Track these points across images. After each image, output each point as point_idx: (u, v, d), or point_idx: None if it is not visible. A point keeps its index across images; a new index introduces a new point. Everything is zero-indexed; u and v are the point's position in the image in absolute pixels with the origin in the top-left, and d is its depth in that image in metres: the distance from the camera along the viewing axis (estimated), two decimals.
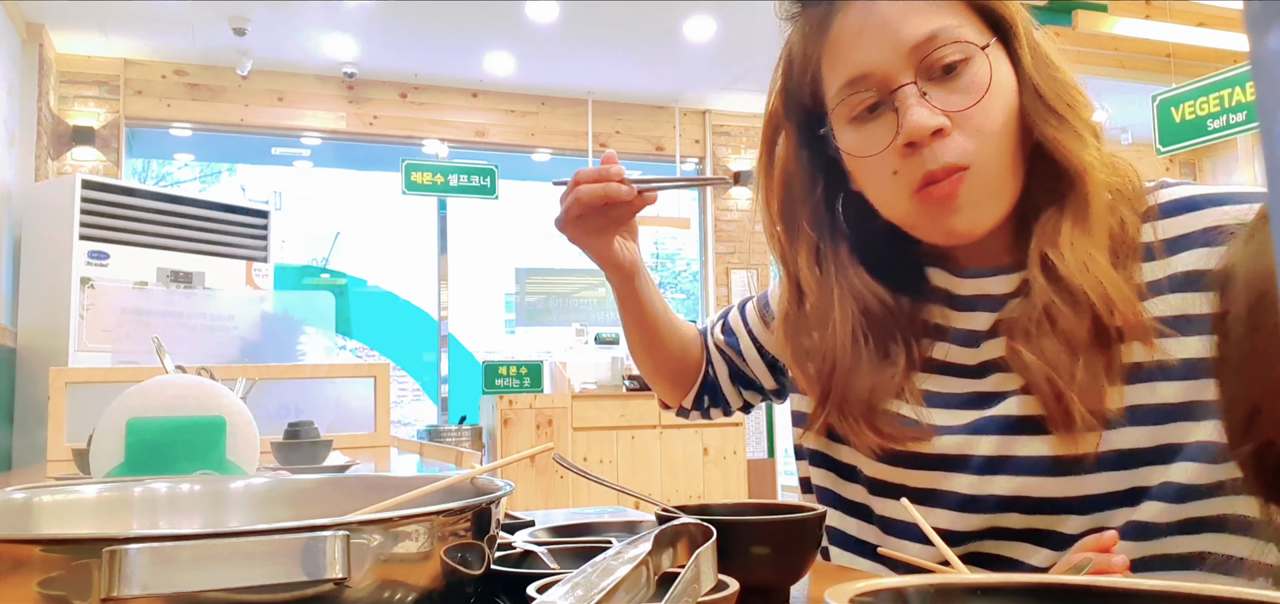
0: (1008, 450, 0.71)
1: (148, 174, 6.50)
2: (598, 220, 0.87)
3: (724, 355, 1.01)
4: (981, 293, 0.77)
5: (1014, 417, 0.72)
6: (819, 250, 0.81)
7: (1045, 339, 0.69)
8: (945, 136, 0.70)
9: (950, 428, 0.75)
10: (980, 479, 0.72)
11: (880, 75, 0.72)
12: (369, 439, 2.43)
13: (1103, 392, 0.67)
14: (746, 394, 1.02)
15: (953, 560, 0.58)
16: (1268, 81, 0.19)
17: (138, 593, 0.37)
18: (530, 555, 0.65)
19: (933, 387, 0.77)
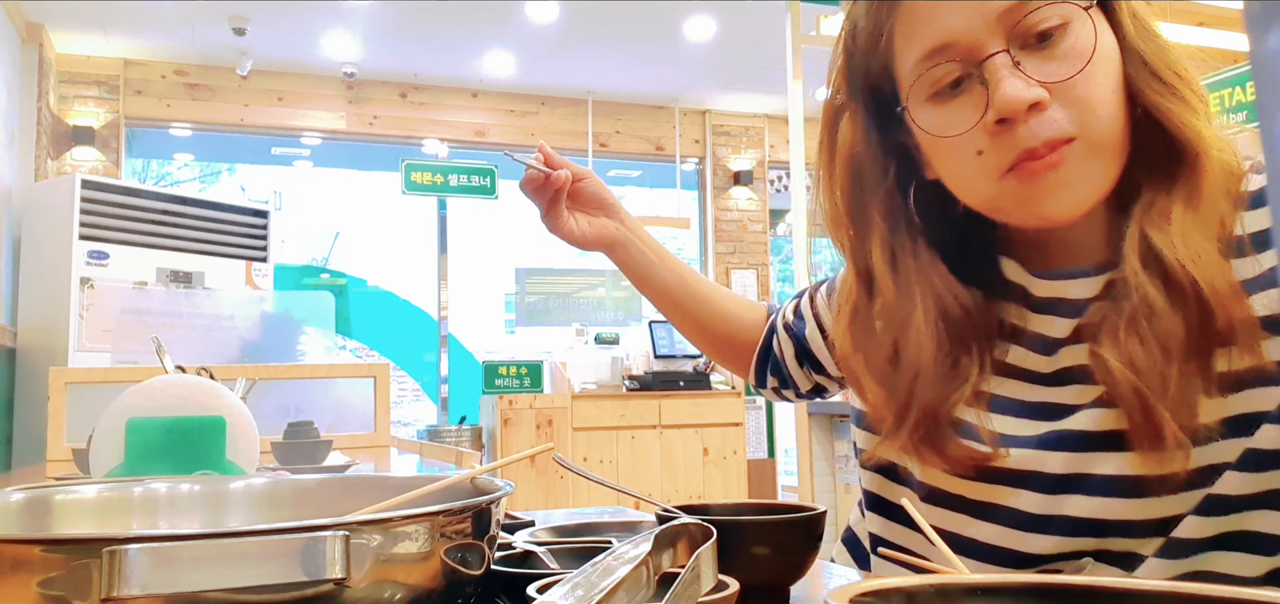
0: (1082, 468, 0.64)
1: (147, 174, 6.50)
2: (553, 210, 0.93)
3: (791, 335, 0.95)
4: (1061, 296, 0.69)
5: (1091, 431, 0.65)
6: (893, 245, 0.72)
7: (1135, 343, 0.61)
8: (1042, 110, 0.62)
9: (1018, 439, 0.67)
10: (1050, 498, 0.65)
11: (966, 44, 0.63)
12: (369, 439, 2.43)
13: (1197, 406, 0.60)
14: (817, 377, 0.94)
15: (952, 560, 0.57)
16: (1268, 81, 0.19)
17: (137, 593, 0.37)
18: (530, 555, 0.65)
19: (1002, 392, 0.70)
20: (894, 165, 0.73)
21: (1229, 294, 0.60)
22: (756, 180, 6.12)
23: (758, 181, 6.13)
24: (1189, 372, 0.60)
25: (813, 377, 0.94)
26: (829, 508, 1.11)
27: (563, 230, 0.95)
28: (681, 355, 4.92)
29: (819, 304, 0.92)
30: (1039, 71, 0.62)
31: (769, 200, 6.20)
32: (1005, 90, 0.61)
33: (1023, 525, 0.67)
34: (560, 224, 0.95)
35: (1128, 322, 0.62)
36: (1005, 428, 0.68)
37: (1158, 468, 0.61)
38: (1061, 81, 0.62)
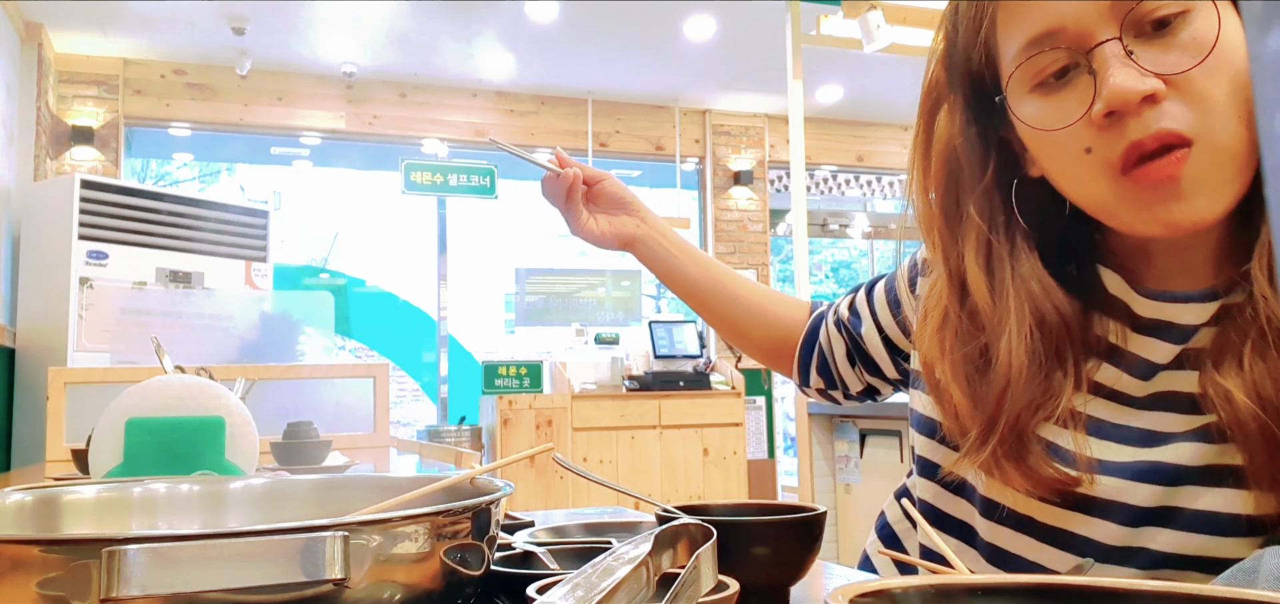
0: (1173, 501, 0.60)
1: (147, 174, 6.50)
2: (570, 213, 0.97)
3: (844, 332, 0.90)
4: (1167, 319, 0.63)
5: (1188, 465, 0.60)
6: (990, 245, 0.67)
7: (1263, 370, 0.56)
8: (1157, 104, 0.56)
9: (1105, 464, 0.62)
10: (1132, 531, 0.61)
11: (1074, 30, 0.59)
12: (368, 439, 2.43)
13: None
14: (870, 378, 0.89)
15: (952, 560, 0.57)
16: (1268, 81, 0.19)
17: (137, 593, 0.37)
18: (530, 556, 0.65)
19: (1092, 412, 0.64)
20: (994, 162, 0.68)
21: None
22: (756, 180, 6.12)
23: (758, 181, 6.13)
24: None
25: (865, 377, 0.90)
26: (829, 508, 1.12)
27: (584, 231, 0.98)
28: (681, 355, 4.92)
29: (876, 300, 0.87)
30: (1156, 62, 0.57)
31: (769, 200, 6.20)
32: (1115, 80, 0.56)
33: (1099, 556, 0.62)
34: (581, 225, 0.97)
35: (1254, 347, 0.57)
36: (1097, 453, 0.63)
37: (1273, 508, 0.56)
38: (1181, 73, 0.56)
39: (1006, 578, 0.36)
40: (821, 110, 6.17)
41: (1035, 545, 0.65)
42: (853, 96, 5.96)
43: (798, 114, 3.71)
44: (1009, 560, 0.66)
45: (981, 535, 0.69)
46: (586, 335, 5.06)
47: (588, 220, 0.98)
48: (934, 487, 0.74)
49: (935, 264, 0.72)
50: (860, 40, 3.73)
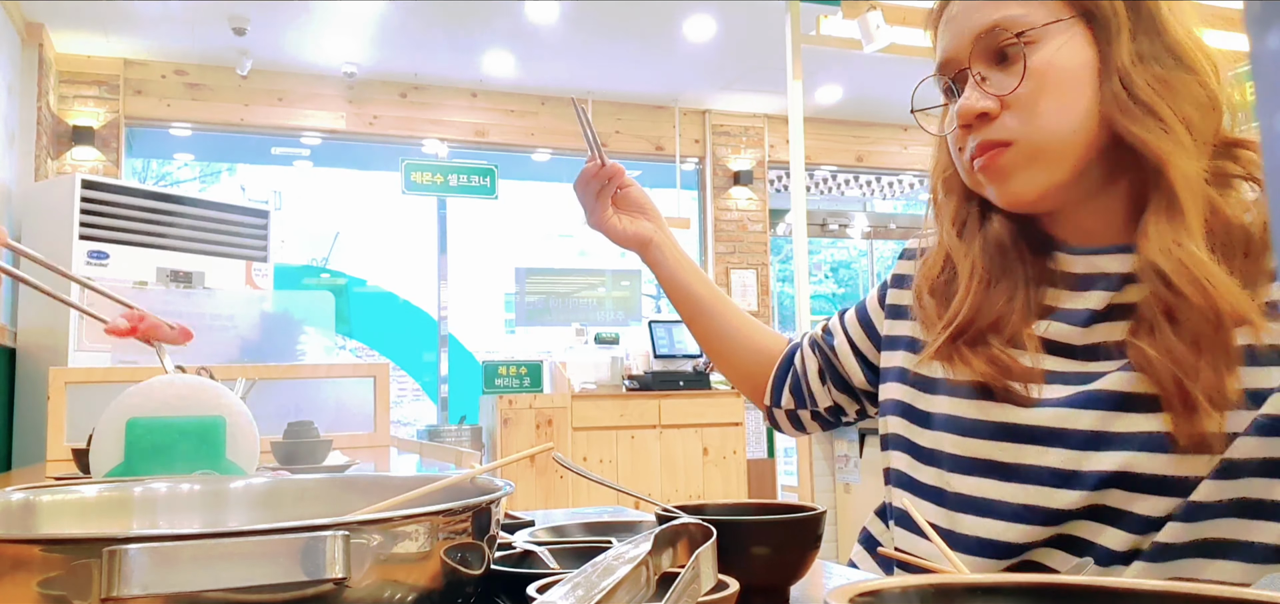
0: (1111, 425, 0.70)
1: (147, 174, 6.50)
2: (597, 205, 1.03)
3: (818, 350, 1.01)
4: (1098, 271, 0.75)
5: (1121, 391, 0.70)
6: (965, 212, 0.84)
7: (1168, 335, 0.68)
8: (993, 118, 0.75)
9: (1051, 401, 0.73)
10: (1079, 454, 0.70)
11: (954, 60, 0.78)
12: (369, 439, 2.43)
13: (1225, 385, 0.65)
14: (837, 395, 0.99)
15: (952, 560, 0.57)
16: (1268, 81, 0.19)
17: (138, 593, 0.37)
18: (530, 555, 0.65)
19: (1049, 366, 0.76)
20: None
21: (1215, 282, 0.66)
22: (756, 180, 6.12)
23: (757, 181, 6.13)
24: (1216, 357, 0.66)
25: (834, 394, 1.00)
26: (828, 508, 1.12)
27: (606, 225, 1.04)
28: (681, 355, 4.92)
29: (848, 319, 1.00)
30: (997, 85, 0.75)
31: (769, 200, 6.20)
32: (961, 100, 0.76)
33: (1051, 482, 0.71)
34: (604, 219, 1.04)
35: (1160, 315, 0.69)
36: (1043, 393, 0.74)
37: (1189, 430, 0.66)
38: (1009, 93, 0.74)
39: (1006, 578, 0.36)
40: (821, 110, 6.17)
41: (998, 485, 0.75)
42: (852, 96, 5.96)
43: (797, 114, 3.71)
44: (978, 505, 0.75)
45: (950, 490, 0.78)
46: (586, 335, 5.06)
47: (611, 216, 1.04)
48: (908, 458, 0.84)
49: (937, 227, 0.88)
50: (860, 40, 3.73)
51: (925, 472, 0.81)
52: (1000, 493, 0.74)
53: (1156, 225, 0.70)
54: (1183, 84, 0.72)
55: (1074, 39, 0.73)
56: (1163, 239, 0.69)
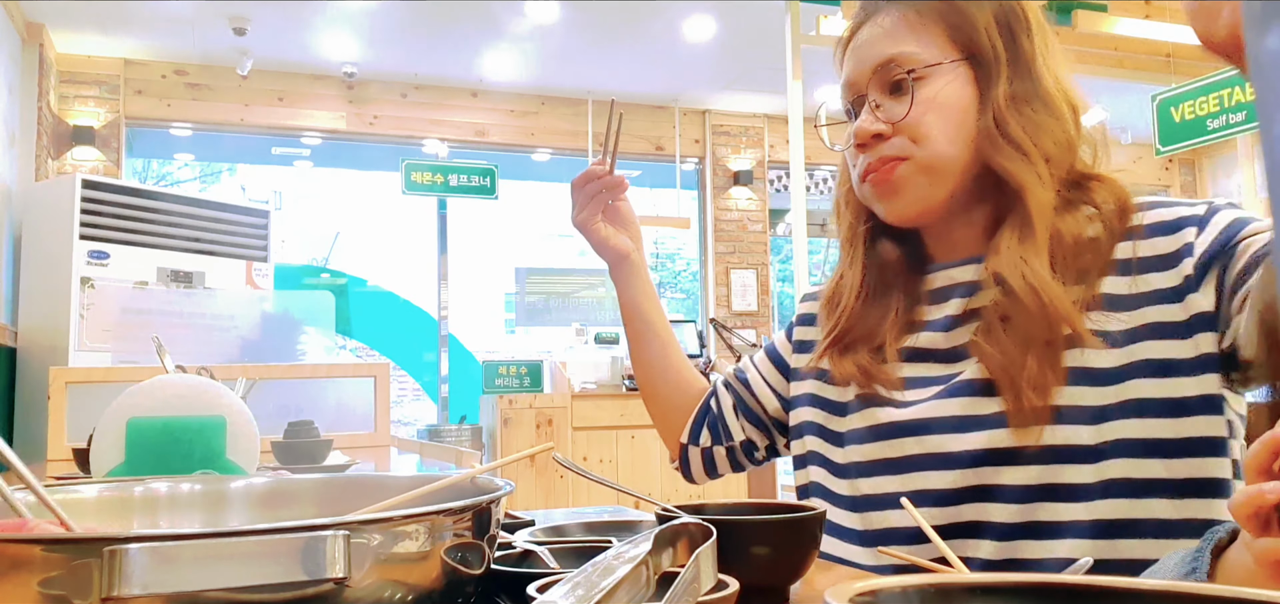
0: (974, 410, 0.82)
1: (148, 174, 6.50)
2: (589, 206, 1.07)
3: (731, 388, 1.10)
4: (954, 281, 0.89)
5: (976, 379, 0.82)
6: (855, 228, 0.95)
7: (1001, 336, 0.80)
8: (884, 140, 0.86)
9: (923, 400, 0.86)
10: (950, 436, 0.82)
11: (855, 85, 0.90)
12: (369, 439, 2.43)
13: (1048, 384, 0.78)
14: (750, 429, 1.08)
15: (952, 559, 0.58)
16: (1267, 81, 0.19)
17: (138, 592, 0.37)
18: (530, 555, 0.65)
19: (910, 373, 0.89)
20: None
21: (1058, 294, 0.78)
22: (756, 180, 6.12)
23: (757, 181, 6.13)
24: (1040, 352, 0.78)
25: (746, 428, 1.08)
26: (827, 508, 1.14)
27: (590, 228, 1.08)
28: None
29: (758, 357, 1.10)
30: (889, 112, 0.86)
31: (769, 200, 6.20)
32: (858, 122, 0.87)
33: (932, 465, 0.83)
34: (589, 222, 1.08)
35: (996, 318, 0.81)
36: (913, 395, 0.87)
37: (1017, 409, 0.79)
38: (900, 121, 0.85)
39: (1006, 577, 0.36)
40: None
41: (893, 479, 0.86)
42: None
43: (797, 114, 3.70)
44: (882, 500, 0.86)
45: (859, 494, 0.89)
46: (586, 335, 5.06)
47: (598, 221, 1.08)
48: (825, 471, 0.94)
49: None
50: None
51: (840, 483, 0.92)
52: (896, 486, 0.85)
53: (1008, 242, 0.81)
54: (1047, 125, 0.83)
55: (958, 79, 0.85)
56: (1012, 254, 0.80)
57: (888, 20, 0.87)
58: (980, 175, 0.85)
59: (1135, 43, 4.52)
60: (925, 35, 0.86)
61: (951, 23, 0.85)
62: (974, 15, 0.85)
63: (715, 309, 5.89)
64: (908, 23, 0.86)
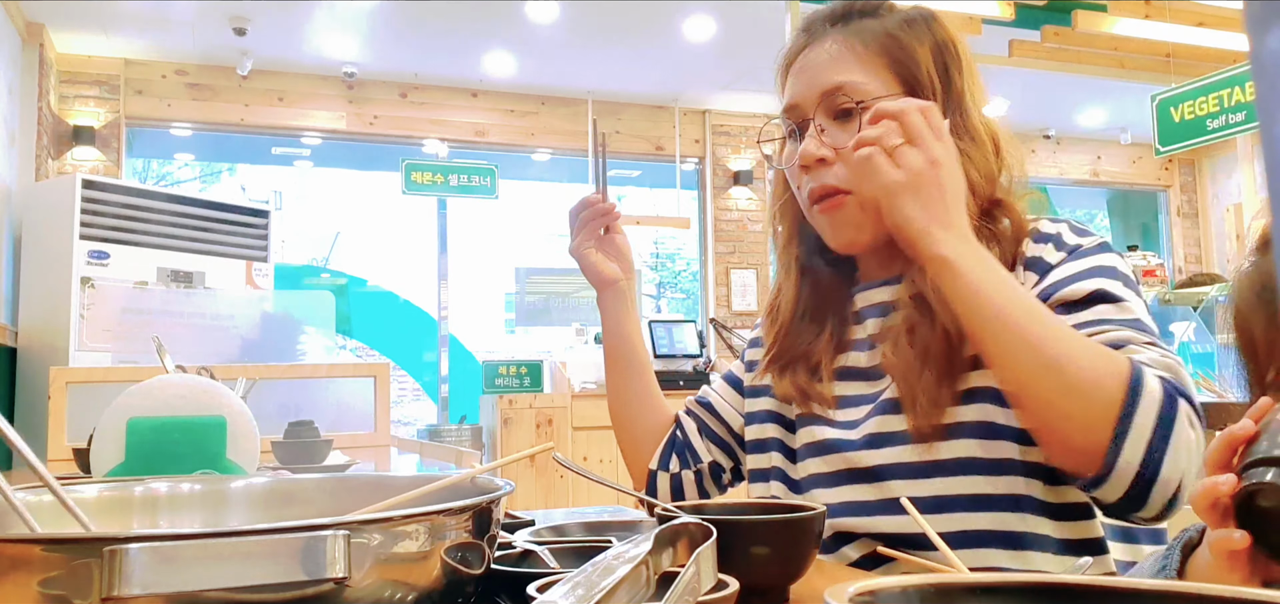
0: (887, 427, 0.87)
1: (148, 174, 6.50)
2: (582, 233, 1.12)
3: (693, 415, 1.13)
4: (871, 302, 0.94)
5: (893, 398, 0.87)
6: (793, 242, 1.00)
7: (905, 347, 0.85)
8: (829, 166, 0.89)
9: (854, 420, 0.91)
10: (869, 452, 0.87)
11: (801, 107, 0.92)
12: (369, 439, 2.43)
13: (940, 396, 0.83)
14: (716, 451, 1.11)
15: (952, 559, 0.58)
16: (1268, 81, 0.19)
17: (138, 592, 0.37)
18: (530, 555, 0.65)
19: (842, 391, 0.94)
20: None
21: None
22: (756, 180, 6.12)
23: (758, 181, 6.13)
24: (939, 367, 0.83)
25: (712, 450, 1.11)
26: None
27: (584, 254, 1.12)
28: (681, 355, 4.92)
29: (717, 385, 1.14)
30: (835, 138, 0.89)
31: (769, 200, 6.19)
32: (803, 145, 0.90)
33: (857, 480, 0.88)
34: (583, 248, 1.12)
35: (903, 332, 0.86)
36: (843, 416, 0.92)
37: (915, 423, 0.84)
38: (844, 148, 0.86)
39: (1007, 577, 0.36)
40: None
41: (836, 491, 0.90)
42: None
43: None
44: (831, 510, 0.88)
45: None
46: (586, 335, 5.05)
47: (589, 249, 1.12)
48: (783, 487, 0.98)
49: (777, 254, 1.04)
50: None
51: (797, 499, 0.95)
52: (839, 496, 0.89)
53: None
54: (974, 158, 0.87)
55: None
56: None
57: (834, 46, 0.91)
58: None
59: (1135, 43, 4.52)
60: (870, 67, 0.89)
61: (895, 57, 0.89)
62: (916, 51, 0.89)
63: (715, 309, 5.89)
64: (853, 52, 0.90)
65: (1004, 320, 0.73)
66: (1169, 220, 6.96)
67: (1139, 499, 0.70)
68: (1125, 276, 0.83)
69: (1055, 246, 0.85)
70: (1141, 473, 0.69)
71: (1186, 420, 0.70)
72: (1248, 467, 0.55)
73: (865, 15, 0.92)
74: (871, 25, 0.91)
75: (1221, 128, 4.03)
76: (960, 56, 0.91)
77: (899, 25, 0.91)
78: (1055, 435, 0.74)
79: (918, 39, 0.90)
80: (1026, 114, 6.26)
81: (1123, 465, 0.69)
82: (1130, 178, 6.93)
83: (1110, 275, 0.81)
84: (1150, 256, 4.04)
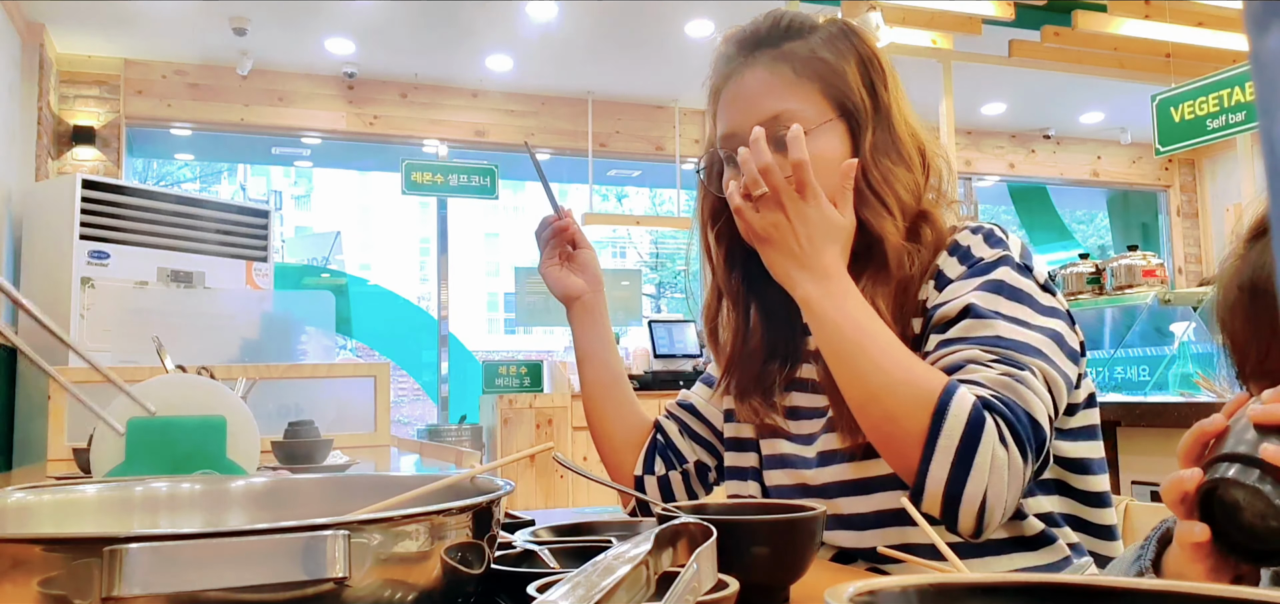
0: (829, 445, 0.90)
1: (148, 174, 6.50)
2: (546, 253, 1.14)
3: (674, 418, 1.14)
4: None
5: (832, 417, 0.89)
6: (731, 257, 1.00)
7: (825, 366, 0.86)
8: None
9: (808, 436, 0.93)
10: (819, 470, 0.90)
11: (736, 136, 0.91)
12: (369, 439, 2.43)
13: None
14: (699, 451, 1.12)
15: (952, 559, 0.58)
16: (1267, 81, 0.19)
17: (138, 592, 0.37)
18: (530, 555, 0.65)
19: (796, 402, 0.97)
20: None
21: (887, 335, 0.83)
22: None
23: None
24: None
25: (696, 449, 1.12)
26: None
27: (550, 271, 1.14)
28: (681, 355, 4.92)
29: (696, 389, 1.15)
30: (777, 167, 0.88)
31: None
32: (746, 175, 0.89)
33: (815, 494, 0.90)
34: (549, 266, 1.14)
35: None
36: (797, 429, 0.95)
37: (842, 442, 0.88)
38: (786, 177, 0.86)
39: (1007, 577, 0.36)
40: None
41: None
42: None
43: None
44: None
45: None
46: None
47: (554, 265, 1.14)
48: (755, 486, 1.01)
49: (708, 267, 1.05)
50: None
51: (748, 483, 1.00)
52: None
53: (866, 285, 0.87)
54: (900, 175, 0.89)
55: (836, 135, 0.90)
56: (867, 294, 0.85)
57: (764, 74, 0.92)
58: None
59: (1135, 43, 4.52)
60: (802, 92, 0.90)
61: (825, 80, 0.90)
62: (845, 72, 0.91)
63: None
64: (783, 80, 0.90)
65: (841, 352, 0.81)
66: (1169, 220, 6.96)
67: (950, 517, 0.75)
68: (1012, 289, 0.83)
69: (960, 259, 0.87)
70: (947, 492, 0.74)
71: (993, 439, 0.73)
72: (1213, 462, 0.56)
73: (791, 35, 0.93)
74: (799, 49, 0.92)
75: (1221, 128, 4.03)
76: (883, 68, 0.93)
77: (825, 44, 0.92)
78: (886, 457, 0.81)
79: (844, 57, 0.91)
80: (1026, 114, 6.27)
81: (931, 485, 0.75)
82: (1130, 178, 6.93)
83: (993, 289, 0.83)
84: (1150, 257, 4.04)
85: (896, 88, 0.93)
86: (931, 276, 0.88)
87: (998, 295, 0.82)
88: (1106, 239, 7.82)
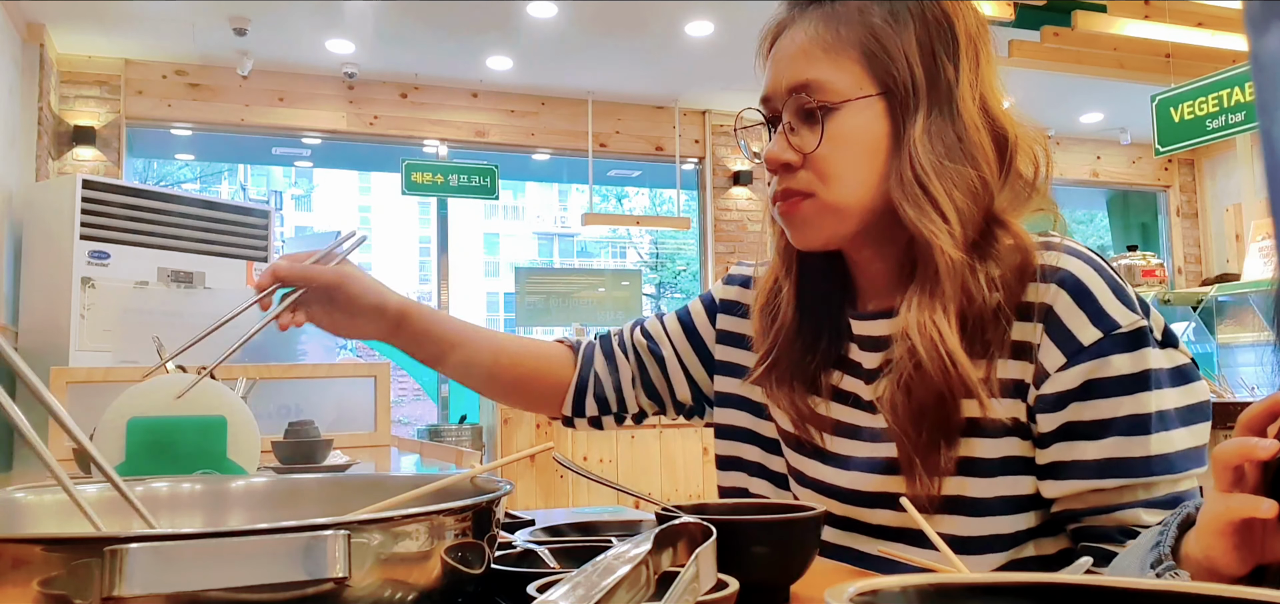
0: (886, 487, 0.80)
1: (148, 174, 6.50)
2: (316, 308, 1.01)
3: (634, 356, 1.04)
4: (873, 334, 0.84)
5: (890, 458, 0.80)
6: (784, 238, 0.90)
7: (902, 397, 0.76)
8: (794, 171, 0.81)
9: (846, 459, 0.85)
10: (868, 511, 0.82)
11: (771, 100, 0.84)
12: (369, 439, 2.43)
13: (939, 454, 0.76)
14: (645, 402, 1.04)
15: (952, 560, 0.58)
16: (1267, 81, 0.19)
17: (139, 592, 0.37)
18: (530, 555, 0.65)
19: (840, 416, 0.86)
20: None
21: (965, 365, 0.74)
22: (756, 180, 6.12)
23: (757, 181, 6.13)
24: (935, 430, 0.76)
25: (643, 401, 1.04)
26: None
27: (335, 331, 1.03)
28: None
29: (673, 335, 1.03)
30: (801, 141, 0.80)
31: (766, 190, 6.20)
32: (768, 148, 0.83)
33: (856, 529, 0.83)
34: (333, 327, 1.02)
35: (899, 386, 0.77)
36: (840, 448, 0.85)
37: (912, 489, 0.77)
38: (810, 153, 0.79)
39: (1007, 577, 0.36)
40: None
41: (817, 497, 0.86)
42: None
43: None
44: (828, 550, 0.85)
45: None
46: (586, 335, 5.05)
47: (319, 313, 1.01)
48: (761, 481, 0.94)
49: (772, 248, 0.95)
50: None
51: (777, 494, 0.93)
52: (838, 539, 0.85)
53: (919, 298, 0.76)
54: (961, 172, 0.76)
55: (871, 114, 0.78)
56: (920, 313, 0.75)
57: (803, 35, 0.81)
58: (889, 213, 0.79)
59: (1135, 43, 4.52)
60: (840, 60, 0.79)
61: (868, 50, 0.78)
62: (893, 44, 0.78)
63: None
64: (823, 44, 0.79)
65: None
66: (1168, 221, 6.96)
67: None
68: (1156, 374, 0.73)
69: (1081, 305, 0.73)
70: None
71: None
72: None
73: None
74: (849, 10, 0.79)
75: (1221, 128, 4.03)
76: (960, 38, 0.79)
77: (883, 13, 0.79)
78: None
79: (901, 23, 0.78)
80: (1026, 114, 6.26)
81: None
82: (1130, 178, 6.93)
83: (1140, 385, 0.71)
84: (1150, 257, 4.04)
85: (972, 61, 0.79)
86: (1039, 318, 0.74)
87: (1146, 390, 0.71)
88: (1106, 239, 7.82)
